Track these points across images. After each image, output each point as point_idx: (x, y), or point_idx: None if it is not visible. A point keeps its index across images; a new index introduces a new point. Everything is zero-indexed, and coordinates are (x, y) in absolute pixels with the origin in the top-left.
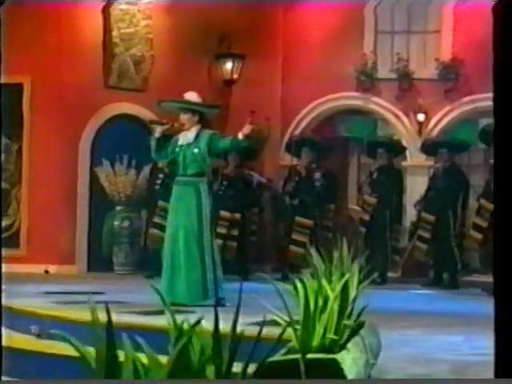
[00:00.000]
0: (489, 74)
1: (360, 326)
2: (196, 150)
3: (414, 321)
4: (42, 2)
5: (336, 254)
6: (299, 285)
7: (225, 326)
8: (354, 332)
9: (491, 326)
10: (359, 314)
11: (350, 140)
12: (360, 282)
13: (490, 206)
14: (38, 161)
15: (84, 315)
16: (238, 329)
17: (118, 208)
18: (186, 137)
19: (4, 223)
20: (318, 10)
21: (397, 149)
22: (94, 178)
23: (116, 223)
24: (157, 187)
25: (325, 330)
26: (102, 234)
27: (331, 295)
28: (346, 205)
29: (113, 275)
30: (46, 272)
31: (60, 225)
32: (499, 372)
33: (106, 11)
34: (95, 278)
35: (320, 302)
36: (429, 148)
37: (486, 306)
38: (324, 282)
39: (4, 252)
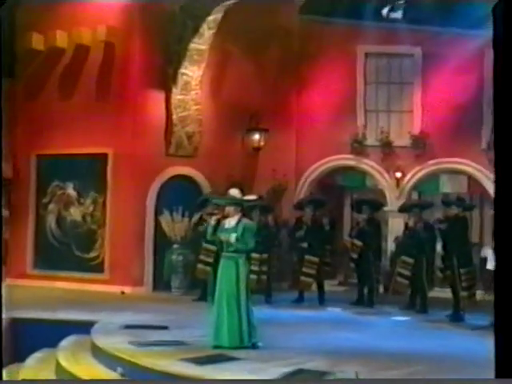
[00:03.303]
0: (447, 143)
1: None
2: (234, 235)
3: (398, 367)
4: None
5: None
6: None
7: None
8: None
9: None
10: None
11: (344, 187)
12: None
13: (445, 254)
14: (117, 210)
15: (158, 365)
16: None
17: (175, 246)
18: (230, 223)
19: (92, 255)
20: (322, 93)
21: (377, 205)
22: (157, 224)
23: (173, 257)
24: (201, 230)
25: None
26: (163, 265)
27: None
28: (342, 236)
29: (170, 296)
30: (123, 293)
31: (133, 257)
32: (499, 372)
33: (167, 100)
34: (159, 299)
35: None
36: (405, 208)
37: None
38: None
39: (92, 276)
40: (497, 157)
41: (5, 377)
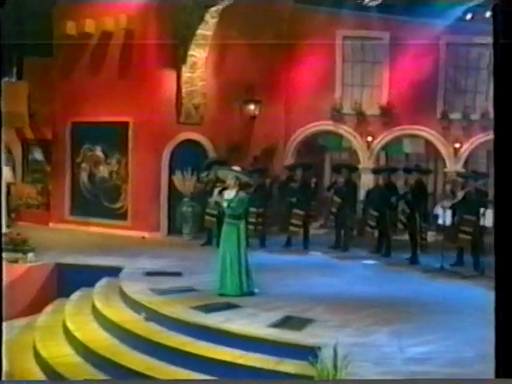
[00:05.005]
0: (409, 113)
1: None
2: (232, 205)
3: (357, 311)
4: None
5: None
6: None
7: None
8: None
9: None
10: None
11: (325, 148)
12: None
13: (407, 210)
14: (138, 169)
15: (174, 312)
16: (258, 332)
17: (185, 200)
18: (229, 194)
19: (118, 205)
20: (307, 70)
21: (353, 168)
22: (171, 181)
23: (184, 209)
24: (207, 189)
25: None
26: (175, 214)
27: None
28: (323, 190)
29: (182, 240)
30: (143, 238)
31: (151, 208)
32: (499, 372)
33: (178, 77)
34: (172, 244)
35: None
36: (376, 171)
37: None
38: None
39: (117, 223)
40: (496, 156)
41: (52, 308)
